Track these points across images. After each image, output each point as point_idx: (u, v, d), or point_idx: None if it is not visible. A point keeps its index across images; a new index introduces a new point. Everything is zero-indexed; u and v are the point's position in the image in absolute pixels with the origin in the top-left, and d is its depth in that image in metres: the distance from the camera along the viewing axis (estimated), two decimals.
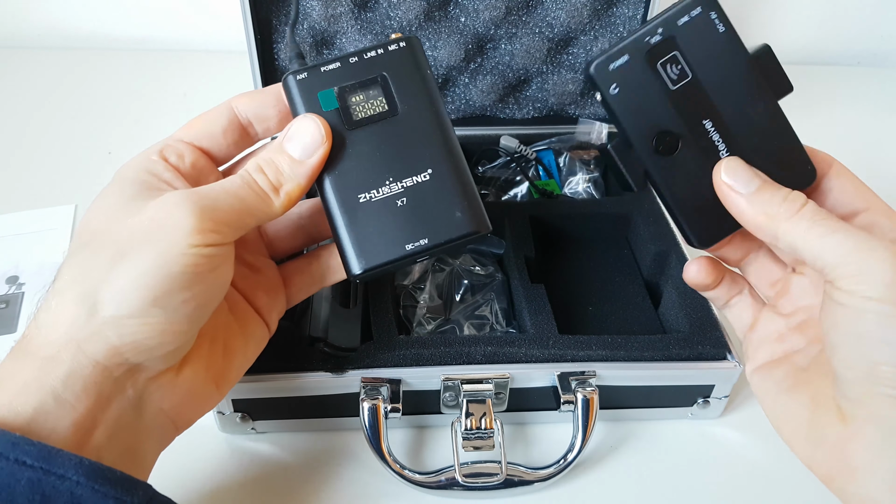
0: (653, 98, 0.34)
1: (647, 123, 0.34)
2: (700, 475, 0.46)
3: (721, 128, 0.35)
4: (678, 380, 0.46)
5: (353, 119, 0.36)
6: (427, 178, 0.36)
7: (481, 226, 0.37)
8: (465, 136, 0.65)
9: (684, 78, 0.34)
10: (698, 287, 0.39)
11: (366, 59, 0.37)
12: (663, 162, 0.35)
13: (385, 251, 0.35)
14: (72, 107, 0.82)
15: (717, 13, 0.35)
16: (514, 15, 0.61)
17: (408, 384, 0.44)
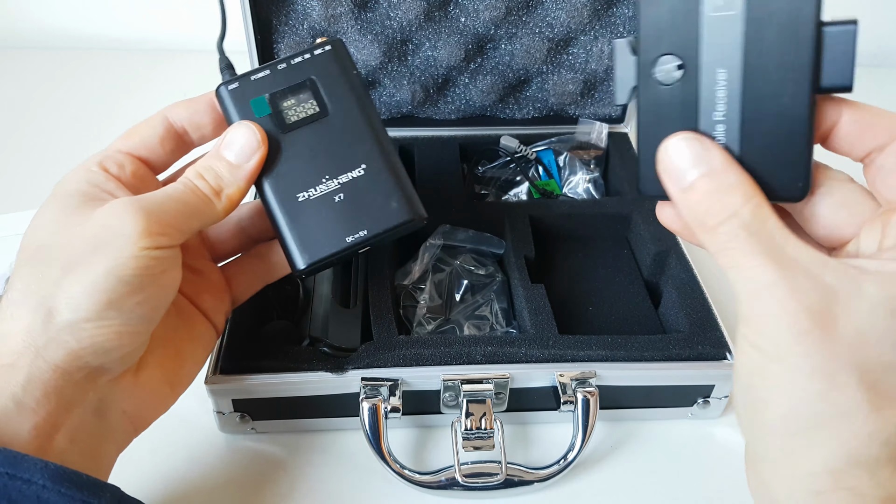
0: (685, 12, 0.29)
1: (664, 36, 0.29)
2: (700, 475, 0.46)
3: (731, 87, 0.29)
4: (678, 380, 0.46)
5: (286, 123, 0.38)
6: (361, 172, 0.38)
7: (416, 213, 0.38)
8: (466, 136, 0.65)
9: (728, 9, 0.28)
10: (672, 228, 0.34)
11: (293, 65, 0.39)
12: (655, 87, 0.30)
13: (326, 245, 0.37)
14: (71, 107, 0.82)
15: None
16: (514, 15, 0.61)
17: (408, 384, 0.44)
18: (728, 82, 0.29)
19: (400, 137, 0.64)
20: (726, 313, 0.56)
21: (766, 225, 0.28)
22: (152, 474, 0.45)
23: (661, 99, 0.30)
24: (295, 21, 0.60)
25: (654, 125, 0.30)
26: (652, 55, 0.30)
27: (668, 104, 0.30)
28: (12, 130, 0.77)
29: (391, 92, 0.64)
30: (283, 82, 0.39)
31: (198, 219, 0.35)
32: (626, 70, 0.31)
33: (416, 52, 0.62)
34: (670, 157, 0.29)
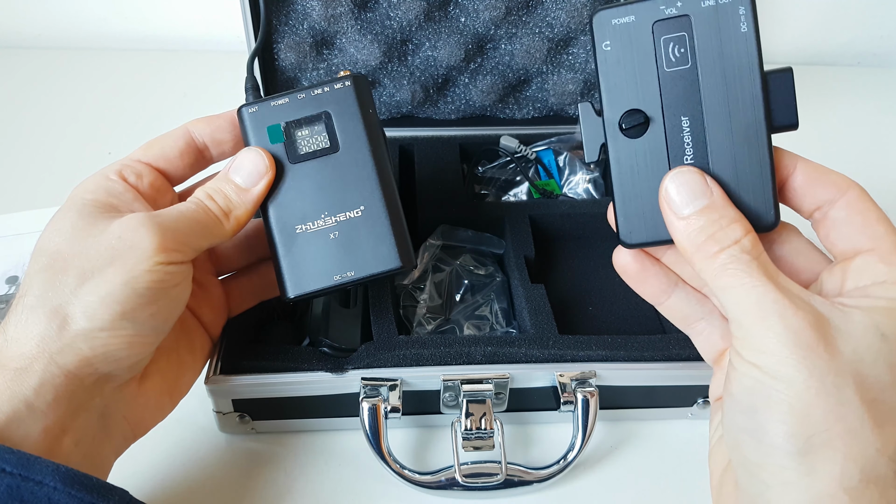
0: (642, 71, 0.31)
1: (626, 95, 0.32)
2: (700, 475, 0.46)
3: (696, 132, 0.31)
4: (678, 380, 0.46)
5: (297, 153, 0.40)
6: (359, 213, 0.39)
7: (406, 262, 0.40)
8: (466, 136, 0.65)
9: (683, 64, 0.31)
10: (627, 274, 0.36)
11: (312, 96, 0.40)
12: (624, 141, 0.32)
13: (315, 280, 0.39)
14: (72, 107, 0.82)
15: (746, 10, 0.31)
16: (514, 15, 0.61)
17: (408, 384, 0.44)
18: (692, 128, 0.31)
19: (400, 137, 0.64)
20: None
21: (762, 255, 0.30)
22: (152, 474, 0.45)
23: (632, 151, 0.32)
24: (295, 21, 0.60)
25: (629, 176, 0.32)
26: (617, 113, 0.32)
27: (640, 155, 0.32)
28: (12, 130, 0.77)
29: (391, 92, 0.64)
30: (300, 112, 0.40)
31: (208, 237, 0.37)
32: (594, 130, 0.32)
33: (416, 52, 0.62)
34: (676, 187, 0.31)
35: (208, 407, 0.46)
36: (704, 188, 0.31)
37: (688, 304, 0.36)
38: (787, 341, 0.27)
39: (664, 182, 0.31)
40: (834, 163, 0.33)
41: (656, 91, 0.32)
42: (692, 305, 0.36)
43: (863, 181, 0.34)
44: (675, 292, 0.36)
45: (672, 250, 0.35)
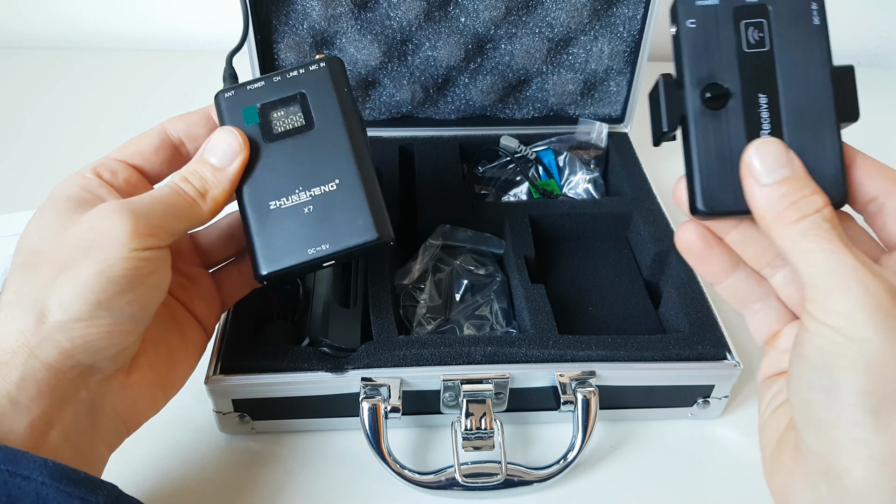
0: (723, 49, 0.33)
1: (707, 70, 0.33)
2: (700, 475, 0.46)
3: (773, 109, 0.33)
4: (678, 380, 0.46)
5: (273, 132, 0.39)
6: (334, 187, 0.39)
7: (382, 233, 0.39)
8: (466, 136, 0.65)
9: (761, 47, 0.33)
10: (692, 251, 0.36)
11: (288, 78, 0.40)
12: (704, 112, 0.33)
13: (289, 256, 0.38)
14: (72, 107, 0.82)
15: (818, 5, 0.34)
16: (514, 15, 0.61)
17: (408, 384, 0.44)
18: (769, 105, 0.33)
19: (400, 137, 0.64)
20: (726, 313, 0.56)
21: (839, 227, 0.30)
22: (152, 474, 0.45)
23: (712, 122, 0.33)
24: (295, 21, 0.60)
25: (708, 147, 0.33)
26: (699, 85, 0.33)
27: (720, 126, 0.33)
28: (12, 130, 0.77)
29: (391, 92, 0.64)
30: (276, 94, 0.40)
31: (185, 220, 0.36)
32: (674, 100, 0.34)
33: (416, 52, 0.62)
34: (760, 156, 0.32)
35: (208, 407, 0.46)
36: (787, 159, 0.31)
37: (747, 284, 0.37)
38: (866, 305, 0.28)
39: (748, 151, 0.32)
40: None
41: (736, 68, 0.33)
42: (751, 286, 0.37)
43: None
44: (735, 272, 0.36)
45: (737, 230, 0.35)
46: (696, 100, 0.33)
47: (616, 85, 0.65)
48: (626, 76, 0.64)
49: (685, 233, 0.36)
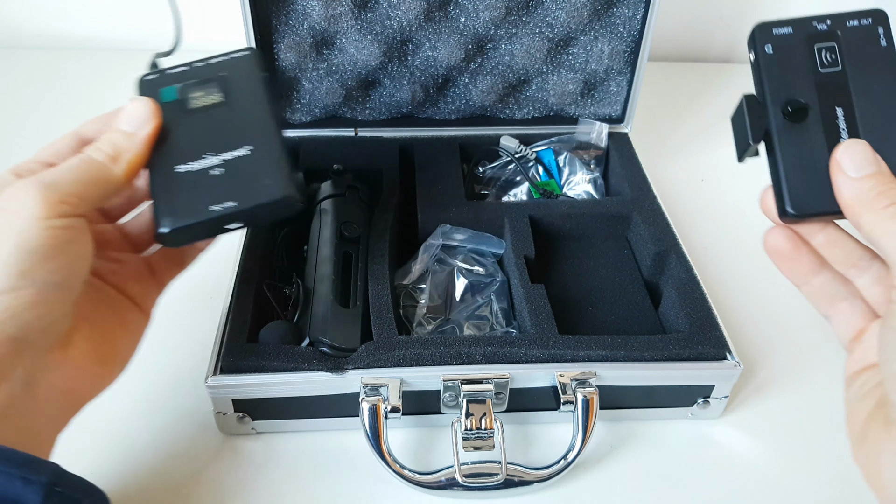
0: (799, 70, 0.37)
1: (786, 89, 0.37)
2: (700, 475, 0.46)
3: (849, 120, 0.36)
4: (678, 380, 0.46)
5: (188, 108, 0.41)
6: (246, 153, 0.40)
7: (289, 191, 0.39)
8: (466, 136, 0.65)
9: (834, 66, 0.37)
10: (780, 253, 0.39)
11: (210, 64, 0.43)
12: (787, 126, 0.37)
13: (192, 213, 0.38)
14: (72, 107, 0.82)
15: (884, 29, 0.37)
16: (514, 15, 0.61)
17: (408, 384, 0.44)
18: (846, 117, 0.36)
19: (400, 137, 0.64)
20: (726, 313, 0.56)
21: None
22: (152, 474, 0.45)
23: (795, 134, 0.37)
24: (295, 21, 0.60)
25: (793, 156, 0.36)
26: (780, 101, 0.37)
27: (802, 137, 0.36)
28: (12, 131, 0.77)
29: (391, 92, 0.64)
30: (195, 76, 0.43)
31: (98, 186, 0.37)
32: (758, 116, 0.37)
33: (416, 52, 0.62)
34: (849, 154, 0.34)
35: (208, 407, 0.46)
36: (873, 158, 0.34)
37: (834, 284, 0.39)
38: None
39: (838, 150, 0.35)
40: None
41: (813, 86, 0.37)
42: (837, 286, 0.38)
43: None
44: (821, 273, 0.39)
45: (823, 234, 0.38)
46: (778, 115, 0.37)
47: (616, 85, 0.65)
48: (626, 76, 0.64)
49: (774, 236, 0.38)
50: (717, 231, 0.65)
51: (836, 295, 0.39)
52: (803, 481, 0.46)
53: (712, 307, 0.49)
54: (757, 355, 0.54)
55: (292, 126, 0.65)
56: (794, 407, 0.50)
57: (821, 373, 0.53)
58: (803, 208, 0.36)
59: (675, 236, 0.54)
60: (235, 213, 0.38)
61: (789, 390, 0.52)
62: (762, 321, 0.56)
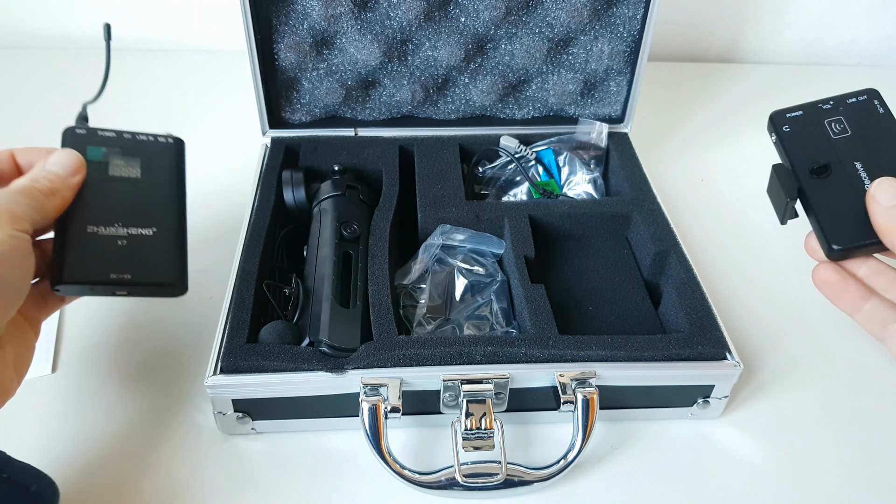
0: (816, 139, 0.44)
1: (808, 153, 0.44)
2: (700, 475, 0.46)
3: (868, 169, 0.43)
4: (678, 380, 0.46)
5: (109, 174, 0.45)
6: (149, 233, 0.44)
7: (176, 280, 0.44)
8: (466, 136, 0.65)
9: (844, 133, 0.45)
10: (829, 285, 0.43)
11: (137, 139, 0.48)
12: (815, 181, 0.43)
13: (93, 273, 0.42)
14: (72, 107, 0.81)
15: (879, 101, 0.45)
16: (514, 15, 0.61)
17: (408, 384, 0.44)
18: (865, 168, 0.43)
19: (400, 137, 0.64)
20: (726, 313, 0.56)
21: None
22: (152, 474, 0.45)
23: (824, 187, 0.43)
24: (295, 21, 0.60)
25: (826, 204, 0.43)
26: (805, 165, 0.44)
27: (831, 188, 0.43)
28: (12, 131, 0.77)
29: (391, 92, 0.64)
30: (122, 145, 0.47)
31: (40, 213, 0.40)
32: (790, 179, 0.44)
33: (416, 52, 0.62)
34: (882, 189, 0.40)
35: (208, 407, 0.46)
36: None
37: (883, 309, 0.42)
38: None
39: (871, 187, 0.41)
40: None
41: (830, 148, 0.44)
42: (888, 310, 0.42)
43: None
44: (870, 300, 0.43)
45: (866, 265, 0.43)
46: (805, 173, 0.43)
47: (616, 85, 0.65)
48: (626, 76, 0.64)
49: (822, 270, 0.43)
50: (717, 231, 0.65)
51: (887, 318, 0.42)
52: (803, 481, 0.46)
53: (712, 307, 0.49)
54: (757, 355, 0.54)
55: (292, 126, 0.65)
56: (794, 407, 0.50)
57: (820, 373, 0.53)
58: (844, 242, 0.42)
59: (675, 236, 0.54)
60: (126, 284, 0.42)
61: (789, 390, 0.52)
62: (762, 321, 0.56)
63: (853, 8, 0.92)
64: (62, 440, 0.47)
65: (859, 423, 0.49)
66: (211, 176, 0.70)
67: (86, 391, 0.50)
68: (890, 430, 0.49)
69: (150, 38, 0.94)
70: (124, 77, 0.87)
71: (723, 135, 0.80)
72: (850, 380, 0.52)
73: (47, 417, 0.48)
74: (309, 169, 0.60)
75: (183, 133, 0.60)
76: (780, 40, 0.94)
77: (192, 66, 0.90)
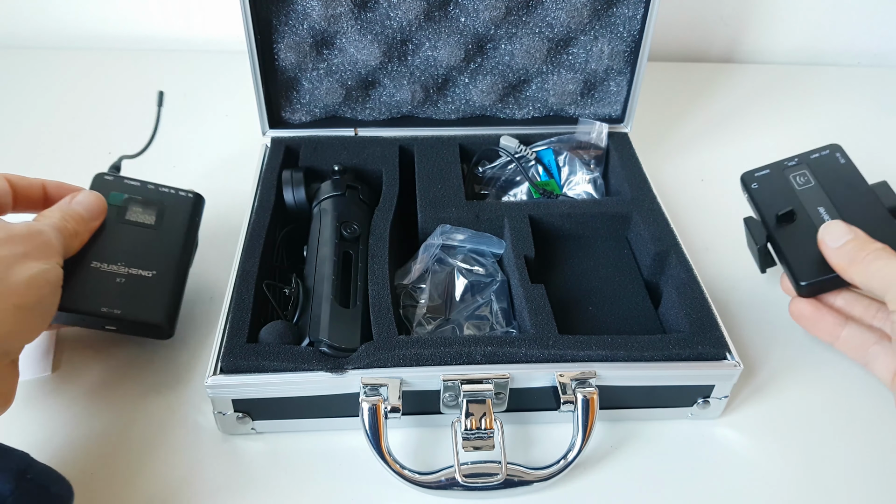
0: (782, 191, 0.51)
1: (775, 204, 0.50)
2: (700, 475, 0.46)
3: (831, 213, 0.48)
4: (678, 380, 0.46)
5: (125, 218, 0.50)
6: (148, 275, 0.48)
7: (163, 322, 0.47)
8: (466, 136, 0.65)
9: (808, 184, 0.50)
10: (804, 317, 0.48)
11: (159, 190, 0.53)
12: (782, 228, 0.49)
13: (86, 303, 0.45)
14: (72, 107, 0.82)
15: (840, 153, 0.51)
16: (514, 15, 0.61)
17: (408, 384, 0.44)
18: (828, 212, 0.48)
19: (400, 137, 0.64)
20: (726, 313, 0.56)
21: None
22: (152, 474, 0.45)
23: (790, 232, 0.49)
24: (295, 21, 0.60)
25: (794, 246, 0.48)
26: (773, 214, 0.50)
27: (796, 232, 0.48)
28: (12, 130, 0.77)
29: (391, 92, 0.64)
30: (143, 194, 0.52)
31: (66, 250, 0.44)
32: (760, 228, 0.50)
33: (416, 52, 0.62)
34: (829, 232, 0.45)
35: (208, 407, 0.46)
36: (847, 230, 0.45)
37: (860, 333, 0.46)
38: None
39: (820, 231, 0.46)
40: None
41: (796, 198, 0.50)
42: (864, 334, 0.46)
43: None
44: (846, 327, 0.47)
45: (841, 297, 0.48)
46: (773, 222, 0.50)
47: (616, 85, 0.65)
48: (626, 76, 0.64)
49: (797, 304, 0.48)
50: (717, 231, 0.65)
51: (866, 340, 0.46)
52: (803, 481, 0.46)
53: (712, 307, 0.49)
54: (757, 355, 0.54)
55: (292, 126, 0.65)
56: (794, 407, 0.50)
57: (821, 373, 0.53)
58: (809, 277, 0.46)
59: (675, 236, 0.54)
60: (115, 319, 0.45)
61: (789, 390, 0.52)
62: (762, 321, 0.56)
63: (853, 8, 0.92)
64: (62, 440, 0.47)
65: (859, 423, 0.49)
66: (211, 176, 0.70)
67: (86, 391, 0.50)
68: (889, 430, 0.49)
69: (150, 37, 0.94)
70: (124, 77, 0.87)
71: (723, 135, 0.80)
72: (850, 380, 0.52)
73: (47, 417, 0.48)
74: (309, 169, 0.60)
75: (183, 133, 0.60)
76: (780, 40, 0.94)
77: (192, 66, 0.90)
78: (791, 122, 0.82)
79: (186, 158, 0.73)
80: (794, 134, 0.80)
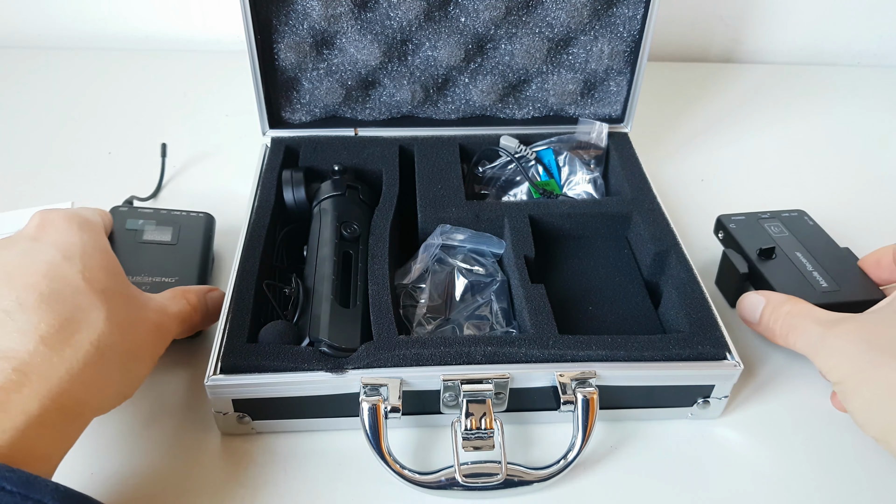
0: (759, 234, 0.56)
1: (754, 242, 0.55)
2: (700, 475, 0.46)
3: (809, 257, 0.54)
4: (678, 380, 0.46)
5: (143, 238, 0.54)
6: (171, 281, 0.52)
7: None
8: (466, 136, 0.65)
9: (782, 233, 0.56)
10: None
11: (172, 213, 0.58)
12: (764, 262, 0.54)
13: None
14: (72, 107, 0.82)
15: (808, 217, 0.58)
16: (514, 15, 0.61)
17: (408, 384, 0.44)
18: (804, 257, 0.54)
19: (400, 137, 0.64)
20: (726, 313, 0.56)
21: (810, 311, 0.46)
22: (152, 474, 0.45)
23: (771, 266, 0.54)
24: (295, 21, 0.60)
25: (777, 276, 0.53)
26: (754, 250, 0.55)
27: (777, 266, 0.54)
28: (12, 130, 0.77)
29: (391, 92, 0.64)
30: (157, 218, 0.56)
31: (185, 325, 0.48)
32: (742, 261, 0.54)
33: (416, 52, 0.62)
34: (742, 307, 0.51)
35: (208, 407, 0.46)
36: (759, 299, 0.49)
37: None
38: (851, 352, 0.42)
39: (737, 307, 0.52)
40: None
41: (772, 240, 0.56)
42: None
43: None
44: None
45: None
46: (754, 255, 0.54)
47: (616, 85, 0.65)
48: (626, 76, 0.64)
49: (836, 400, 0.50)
50: None
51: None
52: (803, 481, 0.46)
53: (712, 307, 0.49)
54: (757, 355, 0.54)
55: (292, 126, 0.65)
56: (794, 407, 0.50)
57: None
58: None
59: (675, 236, 0.54)
60: None
61: (789, 390, 0.52)
62: None
63: (853, 8, 0.92)
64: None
65: None
66: (211, 176, 0.70)
67: None
68: None
69: (150, 37, 0.94)
70: (124, 77, 0.87)
71: (723, 135, 0.80)
72: None
73: None
74: (309, 169, 0.60)
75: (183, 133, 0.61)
76: (780, 40, 0.95)
77: (192, 66, 0.90)
78: (791, 121, 0.82)
79: (186, 159, 0.73)
80: (794, 134, 0.80)
